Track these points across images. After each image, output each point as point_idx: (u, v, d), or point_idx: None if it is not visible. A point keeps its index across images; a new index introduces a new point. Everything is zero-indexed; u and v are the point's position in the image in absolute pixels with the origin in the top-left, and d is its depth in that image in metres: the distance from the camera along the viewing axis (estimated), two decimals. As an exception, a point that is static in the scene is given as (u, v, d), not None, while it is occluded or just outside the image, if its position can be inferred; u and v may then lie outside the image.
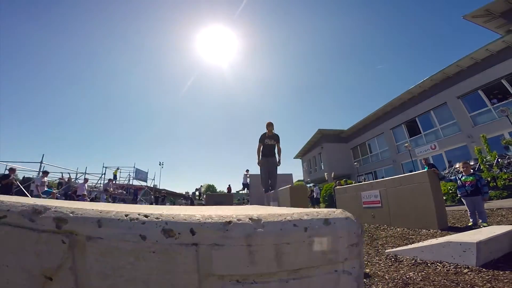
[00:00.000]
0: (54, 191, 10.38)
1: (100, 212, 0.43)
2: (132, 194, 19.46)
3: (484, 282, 1.71)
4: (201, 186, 31.40)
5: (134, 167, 18.59)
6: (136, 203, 19.84)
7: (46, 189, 10.33)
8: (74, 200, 11.43)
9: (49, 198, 10.38)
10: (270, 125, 5.61)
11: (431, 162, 14.94)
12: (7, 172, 10.60)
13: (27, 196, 13.78)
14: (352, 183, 15.72)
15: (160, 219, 0.43)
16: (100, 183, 16.67)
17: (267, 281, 0.44)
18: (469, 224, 4.38)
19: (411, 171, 16.63)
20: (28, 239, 0.41)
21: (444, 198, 8.98)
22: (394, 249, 2.85)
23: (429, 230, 4.18)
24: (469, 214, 4.49)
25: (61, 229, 0.41)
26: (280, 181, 11.72)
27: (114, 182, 17.13)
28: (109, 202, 16.69)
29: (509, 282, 1.68)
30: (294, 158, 40.82)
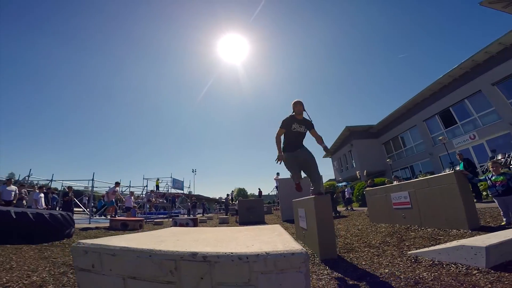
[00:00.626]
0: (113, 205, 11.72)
1: (217, 252, 0.94)
2: (171, 202, 20.92)
3: (487, 283, 1.97)
4: (232, 191, 32.40)
5: (171, 177, 19.96)
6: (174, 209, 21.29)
7: (113, 199, 11.57)
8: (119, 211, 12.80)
9: (110, 208, 11.61)
10: (298, 104, 3.80)
11: (467, 156, 14.08)
12: (62, 189, 12.28)
13: (82, 208, 15.63)
14: (385, 181, 15.39)
15: (234, 254, 0.96)
16: (143, 194, 18.19)
17: (270, 273, 0.96)
18: (502, 223, 4.37)
19: (452, 163, 15.88)
20: (194, 264, 0.92)
21: (484, 193, 8.59)
22: (416, 251, 3.11)
23: (459, 230, 4.27)
24: (502, 214, 4.47)
25: (205, 260, 0.91)
26: (309, 185, 11.89)
27: (155, 192, 18.60)
28: (152, 210, 18.16)
29: (510, 283, 1.93)
30: (323, 157, 40.27)
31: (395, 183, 12.72)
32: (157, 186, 19.91)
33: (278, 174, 15.73)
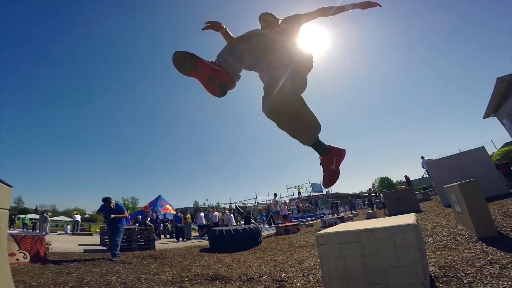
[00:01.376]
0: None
1: (376, 227, 2.04)
2: (314, 204, 22.71)
3: None
4: (373, 184, 30.73)
5: (309, 182, 21.88)
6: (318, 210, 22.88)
7: (278, 208, 14.09)
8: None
9: (278, 217, 14.07)
10: (265, 17, 2.18)
11: None
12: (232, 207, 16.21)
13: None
14: None
15: (382, 227, 1.99)
16: (287, 201, 21.00)
17: (398, 232, 1.91)
18: None
19: None
20: (366, 232, 2.07)
21: None
22: None
23: None
24: None
25: (371, 230, 1.99)
26: (469, 160, 9.87)
27: (300, 198, 21.05)
28: (300, 214, 20.52)
29: None
30: (484, 118, 31.06)
31: None
32: (299, 193, 22.29)
33: (422, 158, 14.26)
